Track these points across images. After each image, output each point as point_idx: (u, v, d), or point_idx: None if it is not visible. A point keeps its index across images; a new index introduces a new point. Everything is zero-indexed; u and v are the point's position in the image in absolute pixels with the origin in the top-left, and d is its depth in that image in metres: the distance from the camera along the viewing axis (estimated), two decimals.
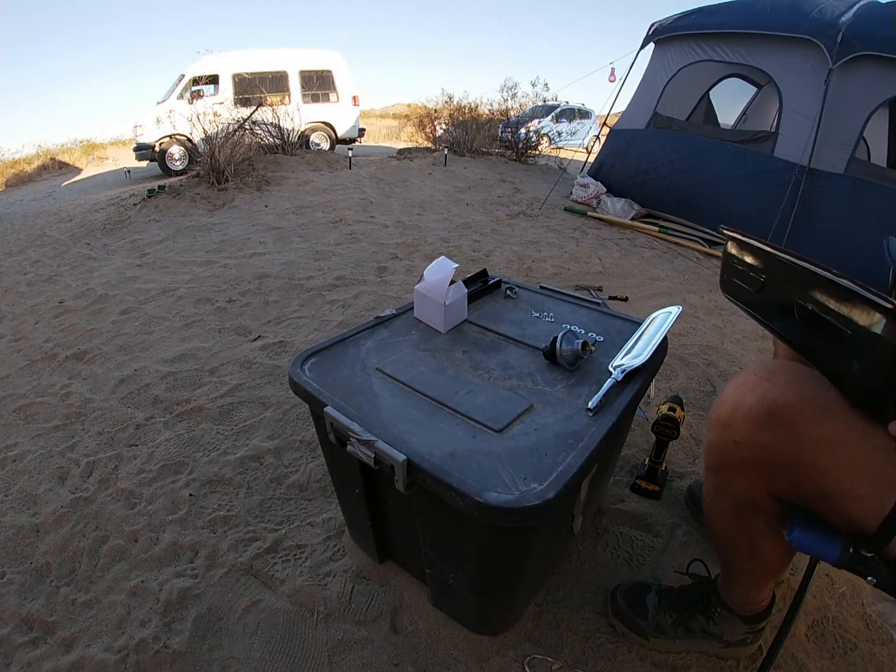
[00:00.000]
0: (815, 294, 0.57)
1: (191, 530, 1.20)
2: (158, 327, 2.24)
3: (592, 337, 1.04)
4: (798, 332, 0.64)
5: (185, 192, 4.51)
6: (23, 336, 2.32)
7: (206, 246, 3.34)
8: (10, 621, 1.03)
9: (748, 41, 3.68)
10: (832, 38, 3.17)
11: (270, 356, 1.95)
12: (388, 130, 15.12)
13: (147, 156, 7.48)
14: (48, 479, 1.40)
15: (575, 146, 7.58)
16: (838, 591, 1.06)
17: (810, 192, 3.30)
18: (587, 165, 4.95)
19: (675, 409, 1.18)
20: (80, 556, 1.16)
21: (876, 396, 0.54)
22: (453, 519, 0.75)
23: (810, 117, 3.29)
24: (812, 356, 0.62)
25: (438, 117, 8.21)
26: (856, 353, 0.53)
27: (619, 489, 1.30)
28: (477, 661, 0.91)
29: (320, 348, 0.98)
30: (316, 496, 1.29)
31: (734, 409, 0.63)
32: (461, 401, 0.83)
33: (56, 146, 12.10)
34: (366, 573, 1.08)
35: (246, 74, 7.61)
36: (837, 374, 0.58)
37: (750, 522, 0.72)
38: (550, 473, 0.68)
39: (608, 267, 3.06)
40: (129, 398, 1.74)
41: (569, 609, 1.00)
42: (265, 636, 0.97)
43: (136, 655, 0.94)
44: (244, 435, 1.52)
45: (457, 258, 2.54)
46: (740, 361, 1.99)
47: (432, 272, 1.08)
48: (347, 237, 3.43)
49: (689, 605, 0.91)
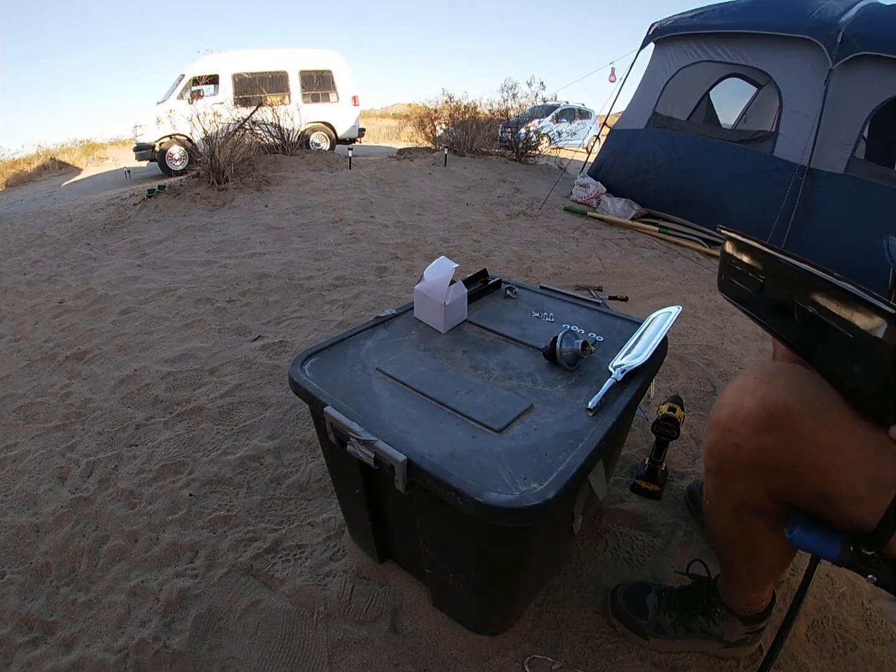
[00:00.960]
0: (816, 296, 0.57)
1: (191, 530, 1.20)
2: (158, 327, 2.24)
3: (592, 337, 1.04)
4: (798, 334, 0.63)
5: (185, 192, 4.51)
6: (23, 336, 2.32)
7: (206, 246, 3.34)
8: (10, 621, 1.03)
9: (748, 41, 3.68)
10: (832, 38, 3.17)
11: (270, 356, 1.95)
12: (388, 130, 15.11)
13: (147, 156, 7.49)
14: (48, 479, 1.40)
15: (575, 146, 7.59)
16: (838, 591, 1.06)
17: (810, 192, 3.30)
18: (587, 165, 4.95)
19: (675, 409, 1.18)
20: (80, 556, 1.16)
21: (876, 400, 0.53)
22: (453, 519, 0.75)
23: (810, 117, 3.29)
24: (812, 358, 0.62)
25: (438, 117, 8.21)
26: (856, 356, 0.53)
27: (619, 489, 1.30)
28: (477, 661, 0.92)
29: (320, 348, 0.98)
30: (316, 496, 1.29)
31: (734, 411, 0.63)
32: (461, 401, 0.83)
33: (56, 146, 12.11)
34: (366, 573, 1.08)
35: (246, 74, 7.61)
36: (837, 377, 0.58)
37: (750, 523, 0.72)
38: (550, 473, 0.68)
39: (608, 267, 3.06)
40: (129, 398, 1.74)
41: (569, 609, 1.00)
42: (265, 636, 0.97)
43: (136, 655, 0.94)
44: (244, 435, 1.52)
45: (457, 258, 2.54)
46: (740, 361, 1.99)
47: (432, 272, 1.08)
48: (347, 237, 3.43)
49: (689, 605, 0.91)
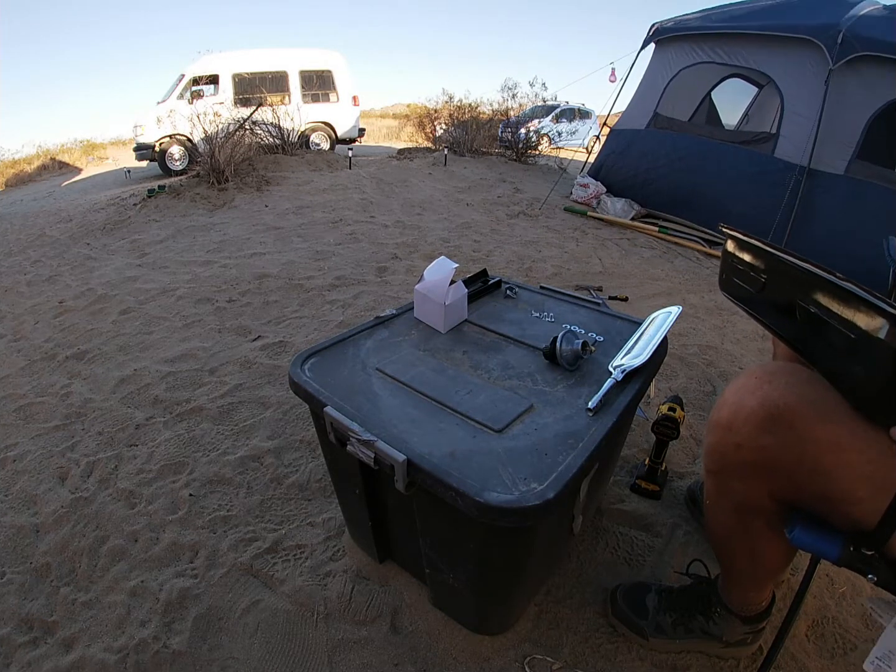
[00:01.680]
0: (818, 296, 0.57)
1: (191, 530, 1.20)
2: (158, 327, 2.24)
3: (592, 337, 1.04)
4: (799, 333, 0.63)
5: (185, 192, 4.51)
6: (23, 336, 2.32)
7: (206, 246, 3.34)
8: (10, 621, 1.03)
9: (748, 42, 3.68)
10: (832, 38, 3.17)
11: (270, 356, 1.95)
12: (388, 130, 15.11)
13: (147, 156, 7.49)
14: (48, 479, 1.40)
15: (575, 146, 7.58)
16: (838, 591, 1.06)
17: (810, 193, 3.30)
18: (587, 165, 4.95)
19: (675, 409, 1.18)
20: (80, 556, 1.16)
21: (877, 401, 0.53)
22: (453, 519, 0.75)
23: (810, 118, 3.29)
24: (812, 357, 0.62)
25: (438, 117, 8.21)
26: (858, 356, 0.53)
27: (619, 489, 1.30)
28: (477, 661, 0.92)
29: (320, 348, 0.98)
30: (316, 496, 1.29)
31: (735, 411, 0.63)
32: (461, 401, 0.83)
33: (56, 146, 12.11)
34: (366, 573, 1.08)
35: (246, 74, 7.61)
36: (838, 377, 0.58)
37: (751, 523, 0.72)
38: (550, 473, 0.68)
39: (608, 267, 3.06)
40: (129, 398, 1.74)
41: (569, 609, 1.00)
42: (265, 636, 0.97)
43: (136, 655, 0.94)
44: (244, 435, 1.52)
45: (457, 258, 2.54)
46: (740, 361, 1.99)
47: (432, 272, 1.08)
48: (347, 237, 3.43)
49: (689, 606, 0.91)
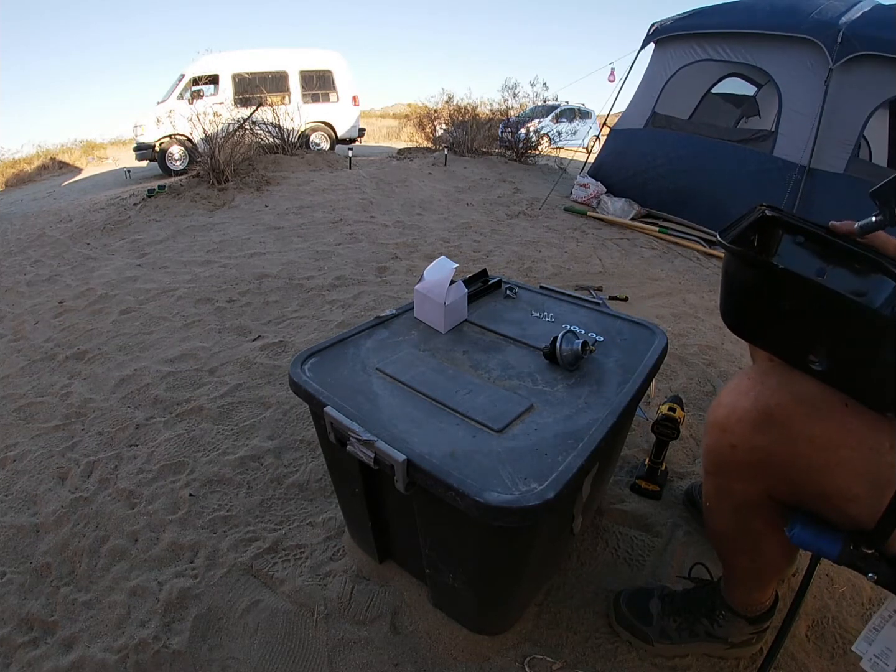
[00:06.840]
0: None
1: (191, 530, 1.20)
2: (158, 327, 2.24)
3: (592, 337, 1.04)
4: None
5: (185, 192, 4.51)
6: (23, 336, 2.32)
7: (206, 246, 3.34)
8: (10, 621, 1.03)
9: (748, 41, 3.68)
10: (832, 37, 3.17)
11: (270, 356, 1.95)
12: (388, 130, 15.10)
13: (147, 156, 7.48)
14: (48, 479, 1.40)
15: (575, 146, 7.58)
16: (838, 591, 1.06)
17: (810, 192, 3.29)
18: (587, 165, 4.95)
19: (675, 409, 1.18)
20: (80, 556, 1.16)
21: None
22: (453, 519, 0.74)
23: (810, 117, 3.29)
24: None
25: (438, 117, 8.20)
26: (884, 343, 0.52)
27: (619, 489, 1.30)
28: (477, 661, 0.91)
29: (320, 348, 0.98)
30: (316, 496, 1.29)
31: (729, 412, 0.63)
32: (461, 401, 0.83)
33: (56, 146, 12.10)
34: (366, 573, 1.08)
35: (246, 74, 7.60)
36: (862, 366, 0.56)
37: (750, 523, 0.72)
38: (550, 473, 0.68)
39: (608, 267, 3.06)
40: (129, 398, 1.74)
41: (569, 609, 1.00)
42: (265, 636, 0.97)
43: (136, 655, 0.94)
44: (244, 435, 1.52)
45: (457, 258, 2.54)
46: (740, 361, 1.99)
47: (432, 272, 1.08)
48: (347, 237, 3.43)
49: (692, 609, 0.90)
